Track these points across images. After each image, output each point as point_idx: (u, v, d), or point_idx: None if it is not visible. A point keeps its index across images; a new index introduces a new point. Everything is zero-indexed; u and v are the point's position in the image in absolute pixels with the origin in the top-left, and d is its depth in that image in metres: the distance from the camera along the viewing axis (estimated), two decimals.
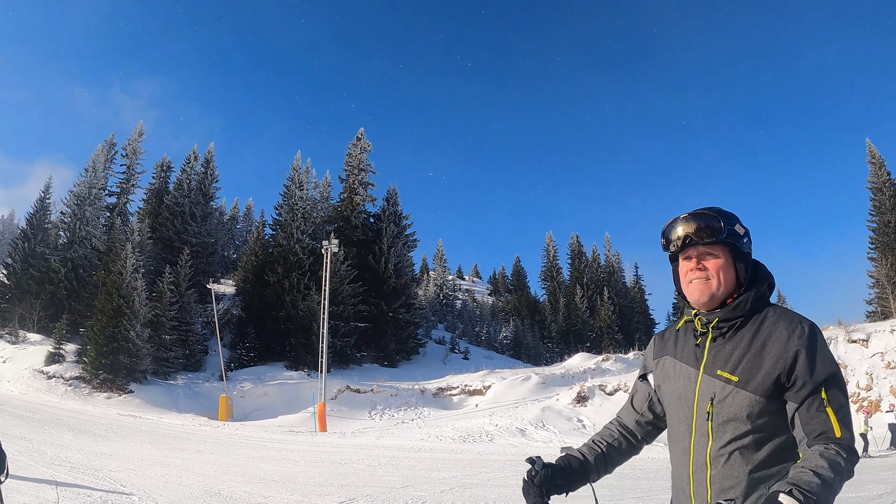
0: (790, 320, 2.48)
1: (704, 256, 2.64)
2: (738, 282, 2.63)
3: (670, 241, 2.71)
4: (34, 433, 21.29)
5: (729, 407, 2.44)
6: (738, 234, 2.63)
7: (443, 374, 53.12)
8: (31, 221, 60.51)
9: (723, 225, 2.60)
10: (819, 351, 2.39)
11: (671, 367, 2.74)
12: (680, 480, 2.65)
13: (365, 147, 69.41)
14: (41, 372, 43.49)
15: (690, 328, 2.74)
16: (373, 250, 64.38)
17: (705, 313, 2.64)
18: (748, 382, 2.42)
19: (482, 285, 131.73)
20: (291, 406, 42.28)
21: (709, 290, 2.60)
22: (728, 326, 2.57)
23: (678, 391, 2.66)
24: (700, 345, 2.64)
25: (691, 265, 2.67)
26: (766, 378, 2.39)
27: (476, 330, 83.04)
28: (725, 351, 2.53)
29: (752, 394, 2.40)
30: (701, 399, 2.54)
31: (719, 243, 2.62)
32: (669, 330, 2.94)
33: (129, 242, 52.55)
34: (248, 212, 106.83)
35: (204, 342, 56.05)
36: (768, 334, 2.47)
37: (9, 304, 54.22)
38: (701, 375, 2.56)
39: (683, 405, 2.62)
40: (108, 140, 74.02)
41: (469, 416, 39.35)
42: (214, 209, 75.10)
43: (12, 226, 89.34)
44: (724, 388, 2.47)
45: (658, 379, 2.83)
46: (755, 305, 2.57)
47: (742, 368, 2.45)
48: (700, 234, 2.60)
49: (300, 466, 19.03)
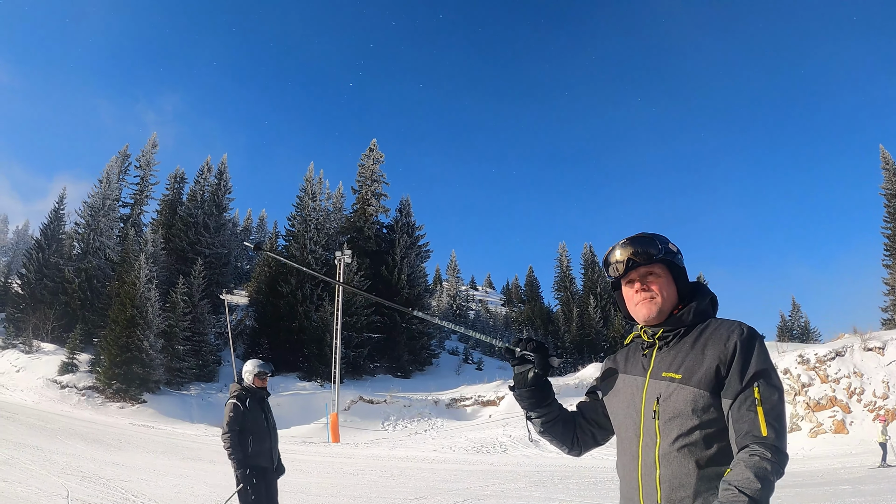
0: (731, 323, 2.59)
1: (646, 277, 2.78)
2: (680, 296, 2.78)
3: (610, 265, 2.86)
4: (47, 442, 21.24)
5: (674, 403, 2.50)
6: (672, 251, 2.80)
7: (456, 384, 52.98)
8: (45, 232, 60.90)
9: (659, 245, 2.76)
10: (756, 349, 2.47)
11: (620, 382, 2.83)
12: (628, 486, 2.67)
13: (377, 158, 69.47)
14: (55, 381, 43.61)
15: (638, 344, 2.84)
16: (386, 261, 64.26)
17: (651, 326, 2.75)
18: (691, 378, 2.49)
19: (495, 296, 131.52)
20: (304, 417, 42.15)
21: (656, 307, 2.73)
22: (672, 335, 2.68)
23: (626, 400, 2.74)
24: (647, 355, 2.74)
25: (636, 288, 2.80)
26: (707, 372, 2.47)
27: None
28: (670, 356, 2.63)
29: (696, 388, 2.46)
30: (647, 401, 2.60)
31: (658, 262, 2.77)
32: (619, 351, 3.03)
33: (143, 253, 52.65)
34: (262, 223, 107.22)
35: (217, 353, 56.00)
36: (709, 336, 2.57)
37: (23, 314, 54.40)
38: (648, 381, 2.65)
39: (631, 411, 2.68)
40: (122, 151, 74.48)
41: (483, 426, 39.13)
42: (228, 220, 75.32)
43: (27, 236, 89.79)
44: (668, 386, 2.54)
45: (607, 395, 2.91)
46: (698, 317, 2.69)
47: (685, 367, 2.53)
48: (640, 256, 2.75)
49: (312, 477, 18.91)
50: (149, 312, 46.50)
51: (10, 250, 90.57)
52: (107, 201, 62.39)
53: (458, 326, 3.24)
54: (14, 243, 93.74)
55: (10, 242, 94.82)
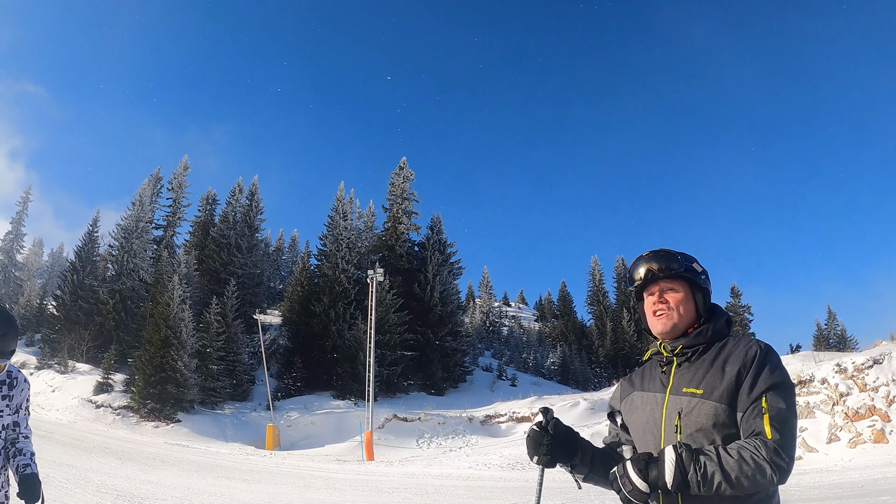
0: (749, 341, 2.67)
1: (666, 291, 2.88)
2: (698, 314, 2.86)
3: (634, 278, 2.98)
4: (82, 461, 21.24)
5: (696, 417, 2.56)
6: (695, 270, 2.90)
7: (490, 401, 52.56)
8: (79, 254, 61.55)
9: (681, 260, 2.88)
10: (769, 365, 2.54)
11: (638, 400, 2.90)
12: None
13: (408, 176, 69.51)
14: (90, 401, 43.87)
15: (656, 361, 2.93)
16: (418, 279, 64.14)
17: (670, 342, 2.85)
18: (712, 392, 2.56)
19: (528, 311, 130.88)
20: (339, 435, 42.04)
21: (671, 322, 2.83)
22: (692, 352, 2.75)
23: (645, 416, 2.80)
24: (666, 371, 2.81)
25: (654, 299, 2.91)
26: (728, 387, 2.54)
27: (523, 356, 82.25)
28: (690, 372, 2.70)
29: (717, 402, 2.53)
30: (668, 416, 2.67)
31: (678, 278, 2.88)
32: (634, 372, 3.13)
33: (176, 274, 52.92)
34: (294, 243, 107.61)
35: (251, 372, 56.08)
36: (729, 353, 2.65)
37: (58, 335, 54.95)
38: (668, 397, 2.71)
39: (651, 427, 2.75)
40: (155, 174, 75.35)
41: (517, 443, 38.68)
42: (260, 241, 75.65)
43: (61, 259, 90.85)
44: (689, 401, 2.61)
45: (626, 413, 2.99)
46: (716, 335, 2.78)
47: (706, 382, 2.60)
48: (661, 270, 2.87)
49: (347, 495, 18.70)
50: (182, 333, 46.68)
51: (46, 272, 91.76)
52: (140, 223, 63.02)
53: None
54: (49, 266, 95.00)
55: (46, 265, 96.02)
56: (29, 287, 71.30)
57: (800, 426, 29.71)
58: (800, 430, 29.41)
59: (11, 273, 79.32)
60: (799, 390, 32.46)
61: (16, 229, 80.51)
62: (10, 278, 78.41)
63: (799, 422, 14.93)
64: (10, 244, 79.96)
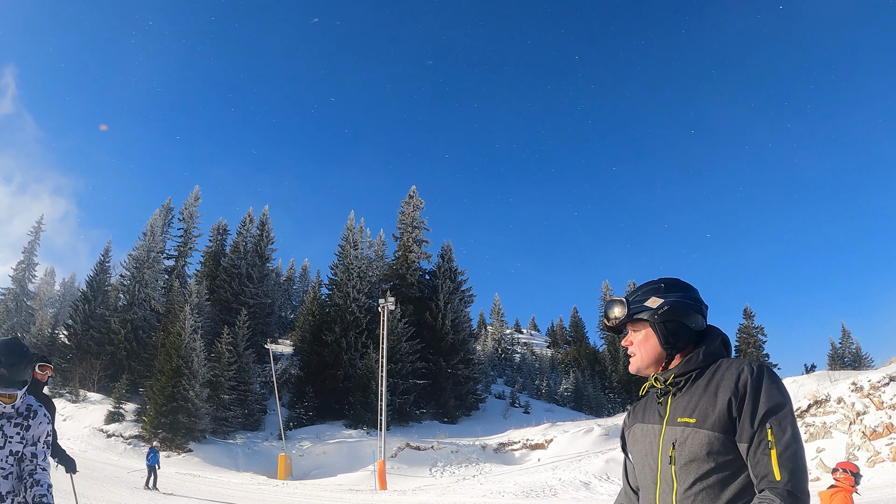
0: (740, 362, 2.58)
1: (630, 333, 2.85)
2: (670, 344, 2.73)
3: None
4: (93, 490, 21.14)
5: (689, 447, 2.50)
6: (649, 308, 2.76)
7: (504, 428, 52.28)
8: (91, 284, 61.92)
9: (628, 304, 2.79)
10: (765, 386, 2.46)
11: (639, 432, 2.83)
12: None
13: (417, 204, 69.62)
14: (101, 430, 43.90)
15: (653, 392, 2.84)
16: (429, 307, 63.96)
17: (660, 373, 2.76)
18: (705, 421, 2.49)
19: (540, 338, 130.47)
20: (351, 464, 41.87)
21: (636, 364, 2.82)
22: (684, 380, 2.67)
23: (645, 449, 2.74)
24: (662, 402, 2.74)
25: (625, 342, 2.89)
26: (720, 414, 2.46)
27: (536, 383, 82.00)
28: (684, 401, 2.63)
29: (710, 431, 2.46)
30: (664, 447, 2.61)
31: (635, 320, 2.81)
32: (638, 402, 3.03)
33: (188, 304, 53.03)
34: (304, 272, 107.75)
35: (262, 401, 56.04)
36: (721, 377, 2.56)
37: (70, 364, 55.03)
38: (664, 428, 2.65)
39: (649, 459, 2.69)
40: (166, 205, 75.86)
41: (532, 470, 38.35)
42: (271, 270, 75.91)
43: (73, 288, 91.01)
44: (683, 431, 2.54)
45: (630, 446, 2.93)
46: (707, 359, 2.68)
47: (699, 410, 2.53)
48: (610, 320, 2.85)
49: None
50: (194, 362, 46.65)
51: (57, 302, 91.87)
52: (151, 253, 63.29)
53: None
54: (61, 295, 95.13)
55: (57, 294, 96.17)
56: (41, 316, 71.39)
57: (817, 447, 29.50)
58: (817, 451, 29.15)
59: (23, 302, 79.57)
60: (815, 410, 32.24)
61: (27, 258, 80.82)
62: (21, 307, 78.64)
63: (816, 442, 14.87)
64: (23, 273, 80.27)
